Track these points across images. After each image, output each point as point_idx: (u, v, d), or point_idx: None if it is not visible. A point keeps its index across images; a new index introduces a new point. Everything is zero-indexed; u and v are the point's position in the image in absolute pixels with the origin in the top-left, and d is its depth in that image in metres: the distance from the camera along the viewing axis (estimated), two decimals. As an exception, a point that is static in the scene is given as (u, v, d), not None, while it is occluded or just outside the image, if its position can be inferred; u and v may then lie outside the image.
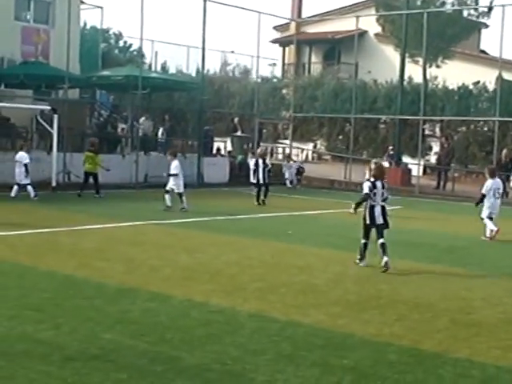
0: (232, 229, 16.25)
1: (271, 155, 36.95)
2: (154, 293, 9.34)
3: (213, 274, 10.74)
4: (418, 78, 36.03)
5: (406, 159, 33.81)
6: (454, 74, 35.61)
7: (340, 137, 38.62)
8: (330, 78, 41.46)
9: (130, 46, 47.83)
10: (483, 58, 41.99)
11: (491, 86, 34.75)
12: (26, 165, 20.18)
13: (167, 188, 19.29)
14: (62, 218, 16.86)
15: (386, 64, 42.20)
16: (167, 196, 19.15)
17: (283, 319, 8.30)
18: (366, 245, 12.04)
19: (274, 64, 51.09)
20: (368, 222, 12.03)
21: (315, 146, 39.73)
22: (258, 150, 24.65)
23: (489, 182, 16.64)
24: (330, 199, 25.54)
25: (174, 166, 19.45)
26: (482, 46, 51.32)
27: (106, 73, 28.39)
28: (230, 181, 30.15)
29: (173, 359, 6.71)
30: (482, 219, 16.38)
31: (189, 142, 39.61)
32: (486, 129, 33.91)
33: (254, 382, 6.22)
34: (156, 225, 16.27)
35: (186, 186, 19.81)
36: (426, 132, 36.22)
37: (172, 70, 44.31)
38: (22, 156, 20.38)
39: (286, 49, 49.93)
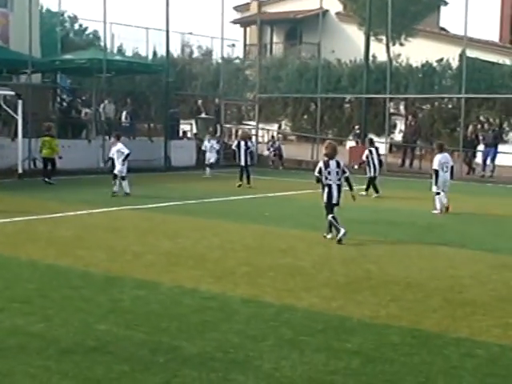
0: (209, 212, 16.08)
1: (236, 137, 36.66)
2: (141, 280, 9.15)
3: (197, 259, 10.57)
4: (381, 57, 36.05)
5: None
6: (416, 51, 35.63)
7: (305, 117, 38.48)
8: (292, 58, 41.17)
9: (86, 29, 46.80)
10: (445, 35, 42.13)
11: (454, 64, 34.91)
12: None
13: (116, 172, 18.66)
14: (34, 205, 16.51)
15: (348, 43, 42.10)
16: (124, 183, 18.60)
17: (277, 304, 8.17)
18: (334, 218, 12.32)
19: (233, 45, 50.65)
20: (325, 200, 12.46)
21: (280, 127, 39.54)
22: (240, 132, 24.49)
23: (438, 157, 16.83)
24: (300, 180, 25.38)
25: (119, 149, 18.74)
26: (442, 24, 51.55)
27: (68, 56, 27.88)
28: (197, 164, 29.89)
29: (174, 349, 6.54)
30: (437, 193, 16.58)
31: (152, 125, 39.37)
32: (450, 106, 33.99)
33: (261, 370, 6.07)
34: (131, 210, 16.04)
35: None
36: (391, 110, 36.22)
37: (129, 53, 43.64)
38: None
39: (248, 29, 49.55)
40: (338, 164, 12.39)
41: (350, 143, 34.62)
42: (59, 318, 7.42)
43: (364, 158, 20.43)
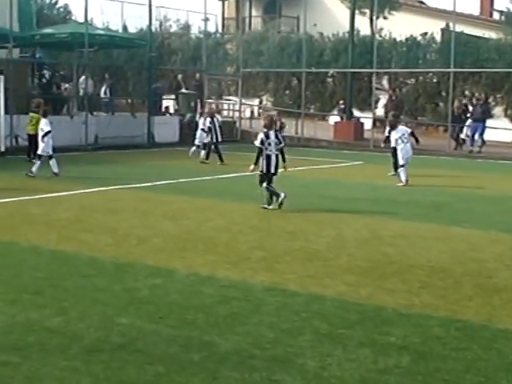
0: (205, 191, 15.59)
1: (218, 112, 35.99)
2: (153, 267, 8.66)
3: (207, 243, 10.09)
4: (364, 31, 35.55)
5: (355, 113, 33.38)
6: (399, 25, 35.18)
7: (287, 92, 37.91)
8: (273, 32, 40.49)
9: (56, 2, 45.20)
10: (427, 9, 41.69)
11: (438, 38, 34.54)
12: None
13: (39, 152, 17.41)
14: (23, 185, 15.92)
15: (328, 17, 41.48)
16: (51, 162, 17.35)
17: (303, 292, 7.74)
18: (267, 189, 12.92)
19: (207, 19, 49.69)
20: (264, 170, 12.97)
21: (261, 102, 38.97)
22: (210, 108, 23.73)
23: (393, 134, 17.68)
24: (288, 156, 24.90)
25: (41, 126, 17.57)
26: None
27: (49, 30, 27.02)
28: (180, 140, 29.30)
29: (206, 345, 6.07)
30: (401, 166, 17.14)
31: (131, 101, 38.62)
32: (435, 80, 33.63)
33: (306, 368, 5.64)
34: (124, 190, 15.50)
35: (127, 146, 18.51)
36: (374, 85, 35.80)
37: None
38: None
39: (226, 3, 48.70)
40: (277, 135, 13.14)
41: (334, 118, 34.15)
42: (76, 310, 6.93)
43: (386, 133, 19.50)
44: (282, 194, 12.74)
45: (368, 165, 22.28)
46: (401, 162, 17.10)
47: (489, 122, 28.63)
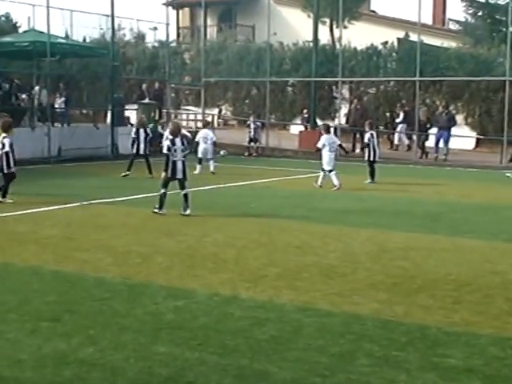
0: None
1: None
2: (169, 288, 8.16)
3: (214, 260, 9.63)
4: (324, 40, 35.46)
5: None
6: (357, 35, 35.16)
7: (246, 101, 37.56)
8: (230, 41, 40.16)
9: None
10: (384, 18, 41.87)
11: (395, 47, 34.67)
12: None
13: None
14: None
15: (284, 26, 41.30)
16: None
17: (337, 311, 7.35)
18: (165, 194, 13.21)
19: (155, 28, 49.18)
20: (170, 175, 13.23)
21: (220, 112, 38.55)
22: (137, 119, 22.95)
23: (324, 138, 18.31)
24: (257, 166, 24.61)
25: None
26: (372, 7, 51.32)
27: (7, 39, 26.16)
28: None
29: (262, 375, 5.64)
30: (330, 171, 17.87)
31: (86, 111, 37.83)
32: (396, 89, 33.68)
33: (378, 398, 5.22)
34: (105, 204, 14.91)
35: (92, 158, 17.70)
36: (334, 94, 35.75)
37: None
38: None
39: (180, 12, 48.20)
40: (183, 142, 13.42)
41: (298, 128, 33.91)
42: (106, 339, 6.40)
43: (366, 140, 19.60)
44: (188, 211, 13.15)
45: (342, 174, 21.92)
46: (327, 167, 17.86)
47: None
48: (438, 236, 11.67)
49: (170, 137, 13.67)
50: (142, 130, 21.13)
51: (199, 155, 21.66)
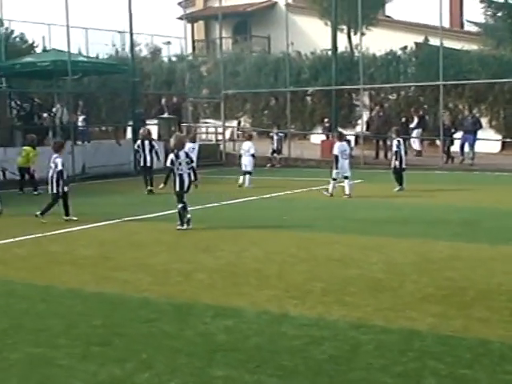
0: (222, 220, 14.91)
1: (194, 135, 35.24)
2: (215, 307, 7.96)
3: (257, 277, 9.42)
4: (341, 47, 35.24)
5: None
6: (375, 41, 34.94)
7: (265, 112, 37.39)
8: (248, 52, 40.06)
9: (12, 32, 43.24)
10: (401, 23, 41.61)
11: (416, 51, 34.39)
12: None
13: None
14: (25, 221, 15.05)
15: (298, 35, 41.10)
16: None
17: (393, 327, 7.12)
18: (184, 208, 13.25)
19: (169, 42, 49.21)
20: (178, 189, 13.29)
21: (239, 124, 38.37)
22: (141, 131, 22.65)
23: (337, 145, 18.29)
24: (282, 178, 24.43)
25: None
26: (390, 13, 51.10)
27: (29, 59, 26.14)
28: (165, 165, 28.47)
29: (329, 397, 5.40)
30: (334, 180, 17.99)
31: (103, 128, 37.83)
32: (416, 94, 33.42)
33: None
34: (136, 221, 14.74)
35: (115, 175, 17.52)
36: (354, 101, 35.55)
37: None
38: None
39: (195, 25, 48.15)
40: (187, 155, 13.46)
41: (318, 137, 33.71)
42: (160, 363, 6.21)
43: (395, 148, 19.41)
44: (185, 226, 13.18)
45: (369, 183, 21.77)
46: (334, 175, 17.97)
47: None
48: (481, 244, 11.40)
49: (175, 150, 13.61)
50: (146, 142, 20.87)
51: (242, 168, 21.47)
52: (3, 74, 25.26)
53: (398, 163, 19.06)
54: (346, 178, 18.13)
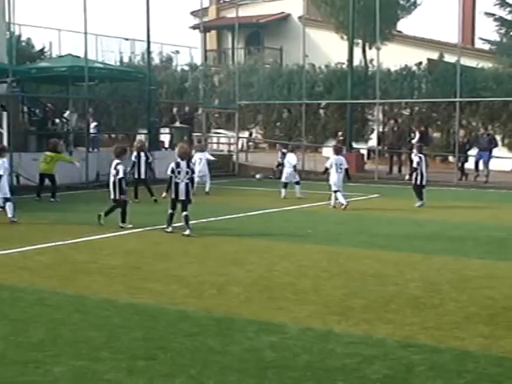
0: (247, 231, 14.76)
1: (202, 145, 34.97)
2: (256, 322, 7.79)
3: (293, 291, 9.25)
4: (356, 61, 35.11)
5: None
6: (389, 56, 34.82)
7: (278, 124, 37.26)
8: (260, 63, 39.98)
9: (20, 36, 42.95)
10: (414, 39, 41.51)
11: (431, 68, 34.29)
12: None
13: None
14: (45, 229, 14.94)
15: (312, 48, 40.91)
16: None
17: (442, 347, 6.96)
18: (172, 215, 13.88)
19: (177, 51, 49.16)
20: (173, 196, 13.75)
21: (251, 135, 38.25)
22: (136, 143, 22.47)
23: (332, 158, 18.92)
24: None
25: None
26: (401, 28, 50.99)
27: (45, 64, 26.07)
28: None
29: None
30: (335, 192, 18.49)
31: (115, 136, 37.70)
32: (430, 111, 33.31)
33: None
34: (158, 231, 14.54)
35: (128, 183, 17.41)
36: (369, 116, 35.45)
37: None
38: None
39: (207, 35, 48.07)
40: (188, 165, 13.93)
41: (331, 150, 33.46)
42: (211, 379, 6.05)
43: (415, 165, 19.26)
44: (188, 231, 13.56)
45: (386, 198, 21.62)
46: (334, 187, 18.43)
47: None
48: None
49: (178, 159, 14.00)
50: (142, 154, 20.70)
51: (283, 179, 21.39)
52: (17, 78, 25.02)
53: (419, 179, 18.94)
54: (336, 191, 18.55)
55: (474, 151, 28.79)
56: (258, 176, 29.41)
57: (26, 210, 17.49)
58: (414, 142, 30.81)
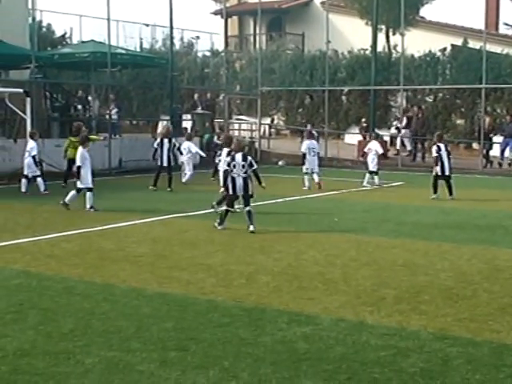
0: (271, 220, 14.58)
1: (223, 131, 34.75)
2: (287, 312, 7.69)
3: (322, 281, 9.13)
4: (379, 47, 34.78)
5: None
6: (412, 42, 34.45)
7: (300, 110, 37.04)
8: (282, 49, 39.72)
9: (41, 22, 42.75)
10: (438, 24, 41.01)
11: (455, 53, 33.90)
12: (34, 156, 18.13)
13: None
14: (71, 216, 14.89)
15: (334, 33, 40.48)
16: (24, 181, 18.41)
17: (478, 340, 6.83)
18: (227, 212, 13.04)
19: (198, 37, 48.92)
20: (230, 192, 13.02)
21: (272, 121, 38.06)
22: (160, 129, 22.07)
23: (305, 143, 20.70)
24: (322, 178, 24.00)
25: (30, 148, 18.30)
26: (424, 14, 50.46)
27: (68, 50, 26.02)
28: (200, 162, 28.20)
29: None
30: (305, 173, 20.11)
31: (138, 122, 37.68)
32: (454, 97, 32.95)
33: None
34: (185, 218, 14.56)
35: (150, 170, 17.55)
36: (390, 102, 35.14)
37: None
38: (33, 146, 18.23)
39: (229, 20, 47.76)
40: (245, 158, 12.98)
41: (353, 137, 33.33)
42: (244, 371, 5.95)
43: (434, 153, 18.32)
44: (251, 227, 12.71)
45: (411, 186, 21.42)
46: (304, 169, 20.13)
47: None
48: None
49: (232, 153, 13.44)
50: (166, 141, 20.31)
51: (370, 168, 21.29)
52: (40, 64, 24.95)
53: (438, 169, 17.97)
54: (313, 173, 20.08)
55: (498, 138, 28.45)
56: (280, 163, 29.33)
57: (51, 196, 17.48)
58: (400, 126, 30.74)
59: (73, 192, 15.59)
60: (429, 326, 7.22)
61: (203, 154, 23.01)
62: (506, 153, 27.47)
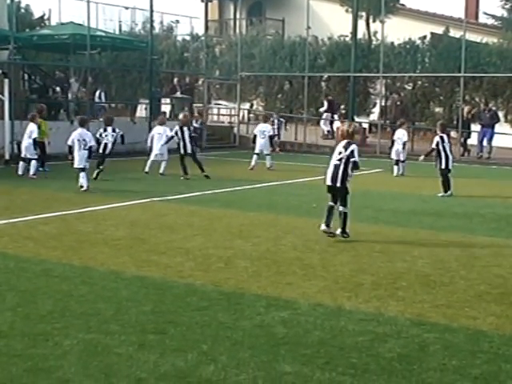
0: (251, 205, 14.63)
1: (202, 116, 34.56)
2: (265, 297, 7.71)
3: (301, 266, 9.18)
4: (359, 34, 34.79)
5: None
6: (391, 29, 34.47)
7: (279, 96, 37.01)
8: (261, 35, 39.61)
9: (19, 2, 42.00)
10: (418, 12, 41.10)
11: (433, 42, 34.01)
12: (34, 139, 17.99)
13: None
14: (48, 198, 14.81)
15: (314, 20, 40.43)
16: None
17: (455, 326, 6.91)
18: (331, 208, 11.01)
19: (177, 21, 48.61)
20: (328, 182, 11.18)
21: (251, 106, 38.00)
22: (182, 117, 21.60)
23: (258, 126, 22.67)
24: (301, 163, 24.13)
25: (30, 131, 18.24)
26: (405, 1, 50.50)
27: (47, 31, 25.75)
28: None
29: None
30: (257, 154, 21.71)
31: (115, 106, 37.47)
32: (433, 85, 33.08)
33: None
34: (164, 202, 14.53)
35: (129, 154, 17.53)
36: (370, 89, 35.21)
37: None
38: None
39: (209, 5, 47.61)
40: (347, 147, 10.91)
41: (336, 123, 33.34)
42: (222, 355, 5.95)
43: (434, 145, 16.74)
44: (339, 231, 11.01)
45: (389, 172, 21.50)
46: (256, 150, 21.72)
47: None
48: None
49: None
50: (185, 129, 20.04)
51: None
52: (19, 45, 24.69)
53: (444, 162, 16.56)
54: (267, 155, 21.71)
55: (475, 127, 28.62)
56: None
57: (32, 180, 17.41)
58: (321, 110, 31.07)
59: (82, 173, 15.79)
60: (406, 311, 7.28)
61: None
62: (484, 142, 27.60)
